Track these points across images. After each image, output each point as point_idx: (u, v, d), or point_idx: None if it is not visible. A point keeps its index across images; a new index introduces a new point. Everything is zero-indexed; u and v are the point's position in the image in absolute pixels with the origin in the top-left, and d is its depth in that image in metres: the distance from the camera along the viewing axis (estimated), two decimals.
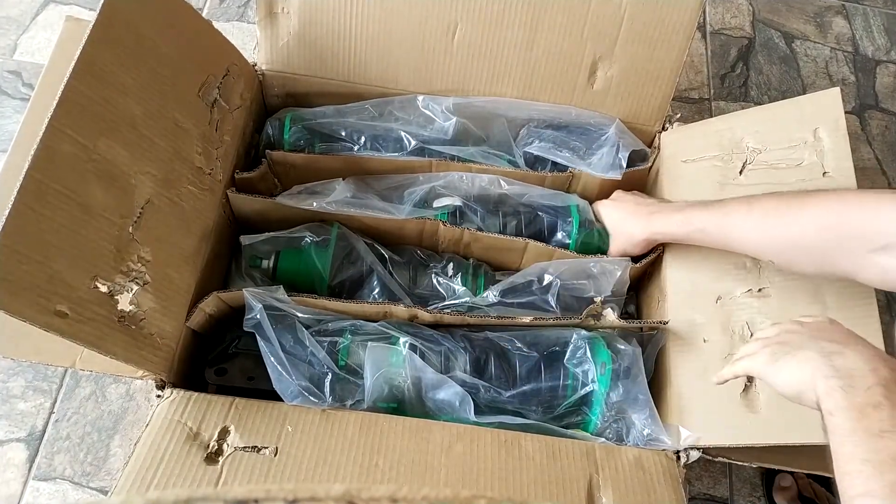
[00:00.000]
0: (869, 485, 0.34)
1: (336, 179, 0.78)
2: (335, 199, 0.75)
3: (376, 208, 0.75)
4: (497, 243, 0.77)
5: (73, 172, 0.52)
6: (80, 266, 0.53)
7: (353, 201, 0.75)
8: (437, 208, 0.77)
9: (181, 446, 0.58)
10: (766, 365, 0.45)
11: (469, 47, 0.78)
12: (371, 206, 0.75)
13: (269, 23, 0.78)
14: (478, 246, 0.78)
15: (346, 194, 0.76)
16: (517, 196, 0.79)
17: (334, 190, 0.76)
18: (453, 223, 0.76)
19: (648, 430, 0.67)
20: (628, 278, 0.75)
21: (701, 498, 0.88)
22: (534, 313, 0.72)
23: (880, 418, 0.35)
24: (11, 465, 0.84)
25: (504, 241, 0.76)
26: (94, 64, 0.54)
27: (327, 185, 0.77)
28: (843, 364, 0.39)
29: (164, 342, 0.62)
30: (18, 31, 1.14)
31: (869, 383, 0.37)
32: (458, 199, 0.77)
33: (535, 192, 0.79)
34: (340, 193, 0.75)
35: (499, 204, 0.80)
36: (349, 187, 0.77)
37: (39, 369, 0.89)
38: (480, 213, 0.78)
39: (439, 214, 0.76)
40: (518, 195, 0.79)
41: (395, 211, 0.75)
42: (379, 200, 0.77)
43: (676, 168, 0.78)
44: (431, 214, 0.76)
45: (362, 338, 0.68)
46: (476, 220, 0.78)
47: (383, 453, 0.60)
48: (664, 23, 0.76)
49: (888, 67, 1.29)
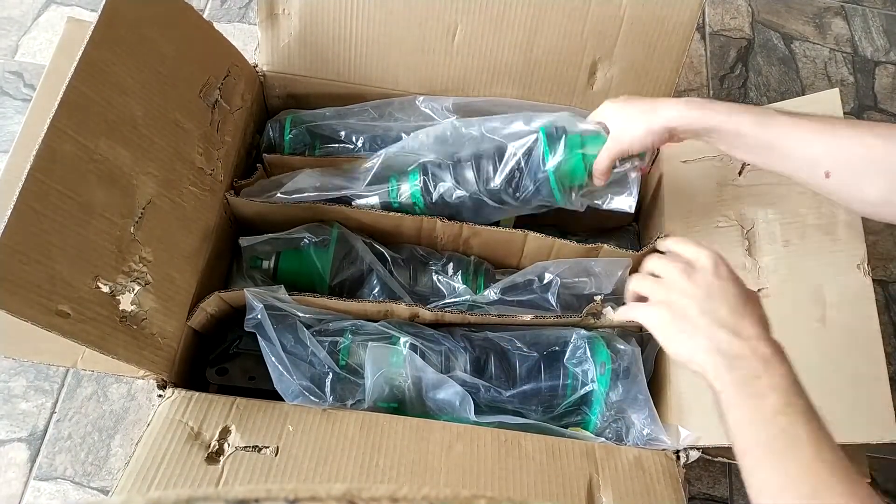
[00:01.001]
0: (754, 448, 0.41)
1: (301, 170, 0.76)
2: (296, 187, 0.74)
3: (334, 188, 0.74)
4: (496, 236, 0.76)
5: (74, 173, 0.53)
6: (82, 266, 0.53)
7: (316, 187, 0.74)
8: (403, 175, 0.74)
9: (182, 446, 0.58)
10: (659, 329, 0.49)
11: (469, 48, 0.78)
12: (331, 188, 0.74)
13: (270, 24, 0.78)
14: (477, 240, 0.78)
15: (310, 182, 0.74)
16: (481, 135, 0.72)
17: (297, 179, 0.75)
18: (427, 195, 0.73)
19: (648, 430, 0.67)
20: (629, 277, 0.75)
21: (700, 498, 0.89)
22: (534, 312, 0.72)
23: (760, 387, 0.42)
24: (13, 464, 0.84)
25: (503, 233, 0.76)
26: (95, 65, 0.55)
27: (292, 176, 0.76)
28: (729, 349, 0.44)
29: (165, 342, 0.62)
30: (20, 32, 1.14)
31: (750, 361, 0.43)
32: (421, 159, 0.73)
33: (493, 125, 0.72)
34: (302, 182, 0.74)
35: (463, 152, 0.73)
36: (313, 174, 0.75)
37: (41, 369, 0.89)
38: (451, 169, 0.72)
39: (412, 192, 0.73)
40: (481, 136, 0.72)
41: (353, 185, 0.73)
42: (341, 181, 0.75)
43: (676, 168, 0.78)
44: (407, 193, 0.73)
45: (363, 338, 0.68)
46: (448, 177, 0.72)
47: (384, 453, 0.60)
48: (664, 24, 0.76)
49: (887, 68, 1.29)
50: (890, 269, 1.08)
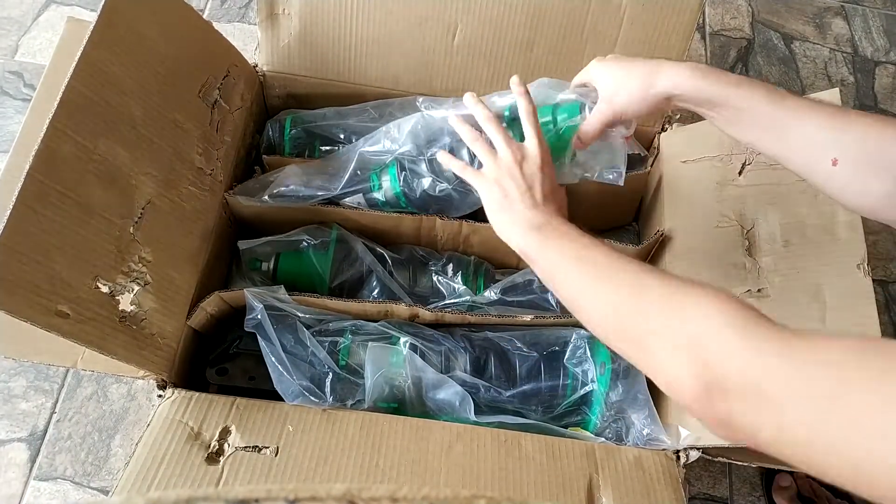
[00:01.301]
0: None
1: (286, 167, 0.76)
2: (280, 186, 0.73)
3: (317, 187, 0.73)
4: (495, 233, 0.76)
5: (73, 173, 0.53)
6: (81, 266, 0.53)
7: (300, 188, 0.74)
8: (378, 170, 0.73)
9: (182, 446, 0.58)
10: (488, 203, 0.56)
11: (469, 48, 0.78)
12: (314, 187, 0.73)
13: (270, 24, 0.78)
14: (477, 238, 0.78)
15: (294, 180, 0.74)
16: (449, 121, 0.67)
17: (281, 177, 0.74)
18: (410, 191, 0.71)
19: (648, 430, 0.67)
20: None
21: (701, 497, 0.89)
22: (534, 312, 0.72)
23: (563, 234, 0.50)
24: (13, 464, 0.84)
25: None
26: (94, 65, 0.55)
27: (277, 174, 0.76)
28: (537, 221, 0.52)
29: (165, 342, 0.62)
30: (20, 32, 1.14)
31: (554, 227, 0.52)
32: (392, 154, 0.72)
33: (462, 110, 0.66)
34: (284, 180, 0.74)
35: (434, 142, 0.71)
36: (295, 171, 0.75)
37: (41, 369, 0.89)
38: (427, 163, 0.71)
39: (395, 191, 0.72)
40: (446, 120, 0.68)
41: (332, 184, 0.73)
42: (322, 180, 0.74)
43: (676, 168, 0.78)
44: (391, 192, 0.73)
45: (363, 338, 0.68)
46: (426, 171, 0.71)
47: (384, 453, 0.60)
48: (663, 24, 0.76)
49: (887, 68, 1.29)
50: (890, 269, 1.08)
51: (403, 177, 0.72)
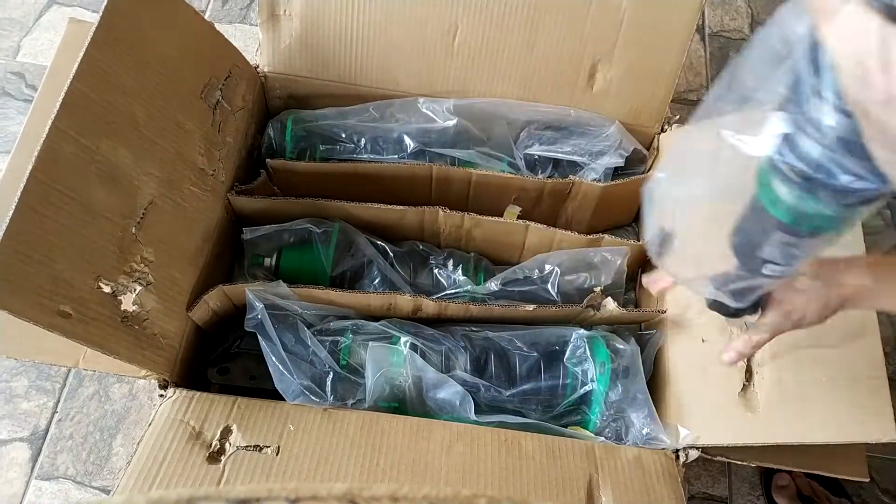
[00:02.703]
0: None
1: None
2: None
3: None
4: (498, 227, 0.77)
5: (76, 173, 0.53)
6: (84, 266, 0.53)
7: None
8: None
9: (184, 445, 0.58)
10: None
11: (469, 49, 0.78)
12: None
13: (272, 25, 0.78)
14: (479, 231, 0.79)
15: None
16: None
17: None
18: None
19: (647, 430, 0.67)
20: (626, 268, 0.76)
21: (700, 497, 0.89)
22: (535, 303, 0.73)
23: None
24: (14, 464, 0.84)
25: (505, 224, 0.77)
26: (96, 66, 0.55)
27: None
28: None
29: (166, 342, 0.62)
30: (21, 33, 1.14)
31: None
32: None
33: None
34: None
35: None
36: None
37: (43, 369, 0.89)
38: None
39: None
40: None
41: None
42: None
43: None
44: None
45: (363, 337, 0.68)
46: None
47: (384, 452, 0.60)
48: (663, 25, 0.76)
49: None
50: None
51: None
